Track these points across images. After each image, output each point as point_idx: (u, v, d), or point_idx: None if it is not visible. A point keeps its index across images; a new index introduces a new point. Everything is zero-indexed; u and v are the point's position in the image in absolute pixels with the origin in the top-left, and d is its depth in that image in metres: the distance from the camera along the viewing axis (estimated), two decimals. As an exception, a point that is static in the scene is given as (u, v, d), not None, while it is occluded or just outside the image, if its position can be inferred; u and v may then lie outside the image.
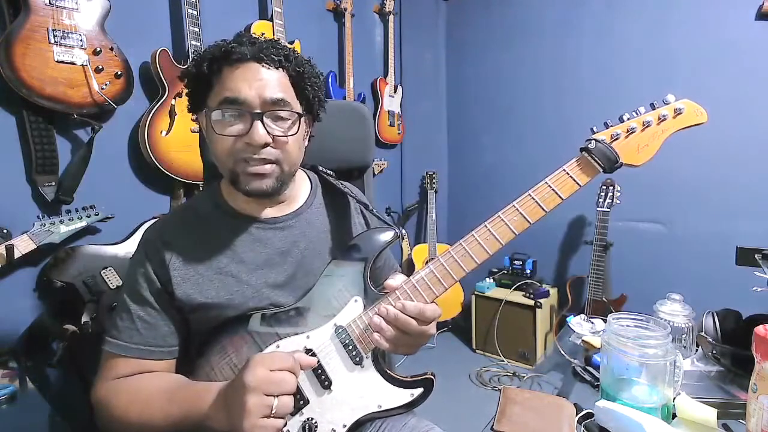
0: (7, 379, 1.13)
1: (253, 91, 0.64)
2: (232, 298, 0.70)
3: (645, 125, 0.66)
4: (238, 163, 0.66)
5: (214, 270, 0.71)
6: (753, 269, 0.92)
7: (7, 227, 1.27)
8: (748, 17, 1.91)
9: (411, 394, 0.65)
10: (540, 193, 0.65)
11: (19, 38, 1.20)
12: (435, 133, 3.00)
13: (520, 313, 2.34)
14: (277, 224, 0.76)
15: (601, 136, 0.66)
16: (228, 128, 0.65)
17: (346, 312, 0.67)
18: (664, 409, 0.71)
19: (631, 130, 0.66)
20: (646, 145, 0.66)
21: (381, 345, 0.64)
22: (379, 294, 0.67)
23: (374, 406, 0.65)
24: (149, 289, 0.70)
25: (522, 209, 0.65)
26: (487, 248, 0.65)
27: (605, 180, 2.08)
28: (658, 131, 0.66)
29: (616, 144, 0.66)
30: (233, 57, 0.64)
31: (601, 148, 0.64)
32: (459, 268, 0.65)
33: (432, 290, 0.65)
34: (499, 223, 0.65)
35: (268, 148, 0.66)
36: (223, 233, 0.73)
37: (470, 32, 2.81)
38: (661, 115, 0.66)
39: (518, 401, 0.82)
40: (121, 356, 0.68)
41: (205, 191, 0.80)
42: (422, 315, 0.63)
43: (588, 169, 0.65)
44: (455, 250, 0.65)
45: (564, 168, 0.66)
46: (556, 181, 0.65)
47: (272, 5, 1.89)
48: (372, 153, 1.05)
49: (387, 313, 0.63)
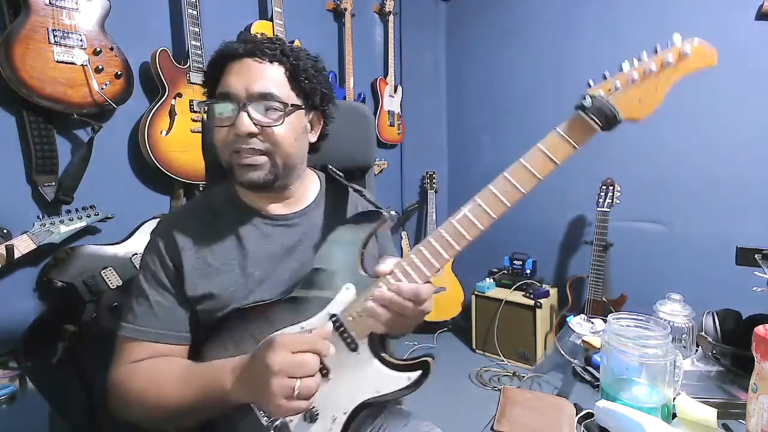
0: (7, 379, 1.13)
1: (241, 84, 0.68)
2: (236, 291, 0.72)
3: (647, 74, 0.58)
4: (232, 155, 0.70)
5: (222, 261, 0.73)
6: (753, 269, 0.92)
7: (7, 227, 1.27)
8: (748, 17, 1.91)
9: (408, 377, 0.65)
10: (533, 160, 0.60)
11: (19, 38, 1.20)
12: (435, 133, 3.00)
13: (520, 313, 2.34)
14: (284, 221, 0.78)
15: (597, 91, 0.59)
16: (221, 121, 0.69)
17: (339, 300, 0.66)
18: (664, 409, 0.71)
19: (632, 81, 0.58)
20: (648, 96, 0.58)
21: (376, 329, 0.64)
22: (371, 279, 0.66)
23: (373, 392, 0.65)
24: (165, 274, 0.72)
25: (513, 179, 0.60)
26: (478, 223, 0.61)
27: (605, 180, 2.08)
28: (661, 79, 0.58)
29: (614, 98, 0.58)
30: (229, 54, 0.69)
31: (598, 104, 0.57)
32: (450, 246, 0.62)
33: (424, 272, 0.63)
34: (489, 195, 0.61)
35: (256, 138, 0.68)
36: (233, 226, 0.76)
37: (470, 32, 2.81)
38: (665, 61, 0.57)
39: (518, 401, 0.82)
40: (138, 340, 0.70)
41: (221, 185, 0.83)
42: (418, 296, 0.62)
43: (584, 128, 0.59)
44: (445, 228, 0.62)
45: (557, 129, 0.59)
46: (549, 144, 0.59)
47: (272, 5, 1.89)
48: (374, 153, 1.05)
49: (382, 297, 0.62)
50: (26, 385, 1.14)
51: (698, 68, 0.57)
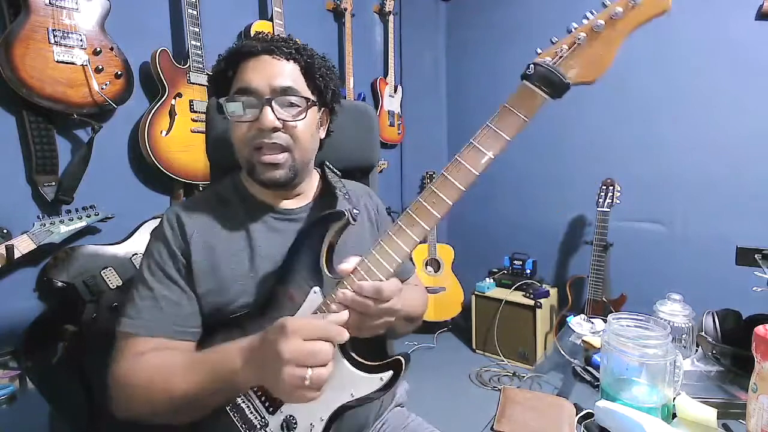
0: (7, 379, 1.13)
1: (263, 80, 0.68)
2: (245, 285, 0.71)
3: (595, 31, 0.55)
4: (253, 152, 0.70)
5: (231, 252, 0.72)
6: (753, 269, 0.92)
7: (7, 227, 1.27)
8: (748, 17, 1.91)
9: (380, 378, 0.62)
10: (482, 139, 0.59)
11: (19, 38, 1.20)
12: (435, 133, 3.00)
13: (520, 313, 2.34)
14: (291, 216, 0.78)
15: (543, 58, 0.57)
16: (242, 116, 0.69)
17: (308, 304, 0.65)
18: (664, 409, 0.71)
19: (578, 41, 0.56)
20: (600, 55, 0.56)
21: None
22: (335, 280, 0.64)
23: (347, 396, 0.62)
24: (173, 266, 0.70)
25: (465, 161, 0.60)
26: (434, 211, 0.59)
27: (605, 180, 2.08)
28: (611, 34, 0.55)
29: (562, 62, 0.56)
30: (246, 51, 0.70)
31: (542, 72, 0.56)
32: (408, 238, 0.60)
33: (386, 267, 0.61)
34: (443, 181, 0.60)
35: (279, 132, 0.69)
36: (242, 219, 0.76)
37: (470, 32, 2.81)
38: (614, 12, 0.55)
39: (518, 401, 0.82)
40: (142, 336, 0.67)
41: (228, 178, 0.82)
42: (379, 293, 0.59)
43: (532, 98, 0.57)
44: (403, 219, 0.61)
45: (505, 104, 0.58)
46: (498, 121, 0.58)
47: (272, 5, 1.89)
48: (377, 153, 1.05)
49: (345, 298, 0.60)
50: (26, 385, 1.14)
51: (652, 16, 0.55)
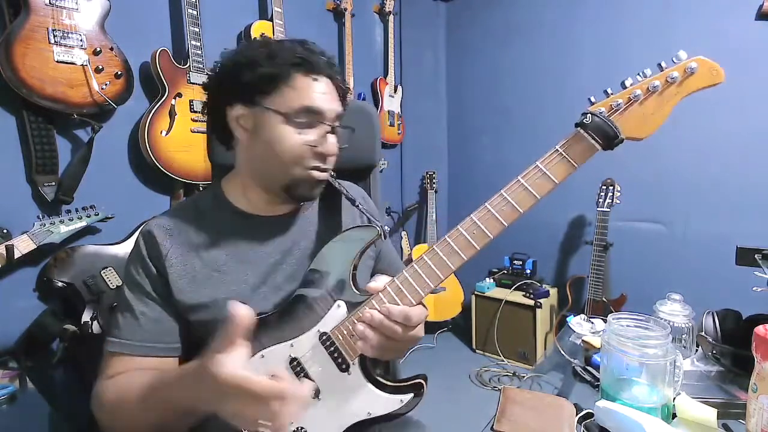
0: (7, 379, 1.13)
1: (331, 105, 0.69)
2: (227, 299, 0.68)
3: (650, 91, 0.56)
4: (305, 171, 0.69)
5: (212, 268, 0.69)
6: (753, 269, 0.92)
7: (7, 227, 1.27)
8: (748, 17, 1.91)
9: (401, 400, 0.62)
10: (531, 178, 0.58)
11: (19, 38, 1.20)
12: (435, 133, 3.00)
13: (520, 313, 2.34)
14: (281, 222, 0.76)
15: (599, 108, 0.58)
16: (300, 136, 0.67)
17: (330, 317, 0.64)
18: (664, 409, 0.71)
19: (635, 98, 0.56)
20: (652, 114, 0.57)
21: (366, 352, 0.60)
22: (362, 297, 0.63)
23: (363, 414, 0.62)
24: (150, 283, 0.68)
25: (511, 197, 0.58)
26: (474, 242, 0.58)
27: (605, 180, 2.08)
28: (666, 97, 0.56)
29: (616, 116, 0.57)
30: (309, 67, 0.68)
31: (598, 123, 0.56)
32: (445, 265, 0.59)
33: (418, 291, 0.59)
34: (486, 214, 0.58)
35: (334, 157, 0.72)
36: (225, 232, 0.72)
37: (470, 32, 2.81)
38: (670, 77, 0.55)
39: (518, 401, 0.82)
40: (124, 354, 0.66)
41: (207, 190, 0.79)
42: (408, 320, 0.58)
43: (584, 147, 0.57)
44: (440, 246, 0.59)
45: (557, 147, 0.58)
46: (548, 163, 0.58)
47: (272, 5, 1.89)
48: (378, 153, 1.04)
49: (372, 318, 0.59)
50: (26, 385, 1.14)
51: (705, 86, 0.56)
